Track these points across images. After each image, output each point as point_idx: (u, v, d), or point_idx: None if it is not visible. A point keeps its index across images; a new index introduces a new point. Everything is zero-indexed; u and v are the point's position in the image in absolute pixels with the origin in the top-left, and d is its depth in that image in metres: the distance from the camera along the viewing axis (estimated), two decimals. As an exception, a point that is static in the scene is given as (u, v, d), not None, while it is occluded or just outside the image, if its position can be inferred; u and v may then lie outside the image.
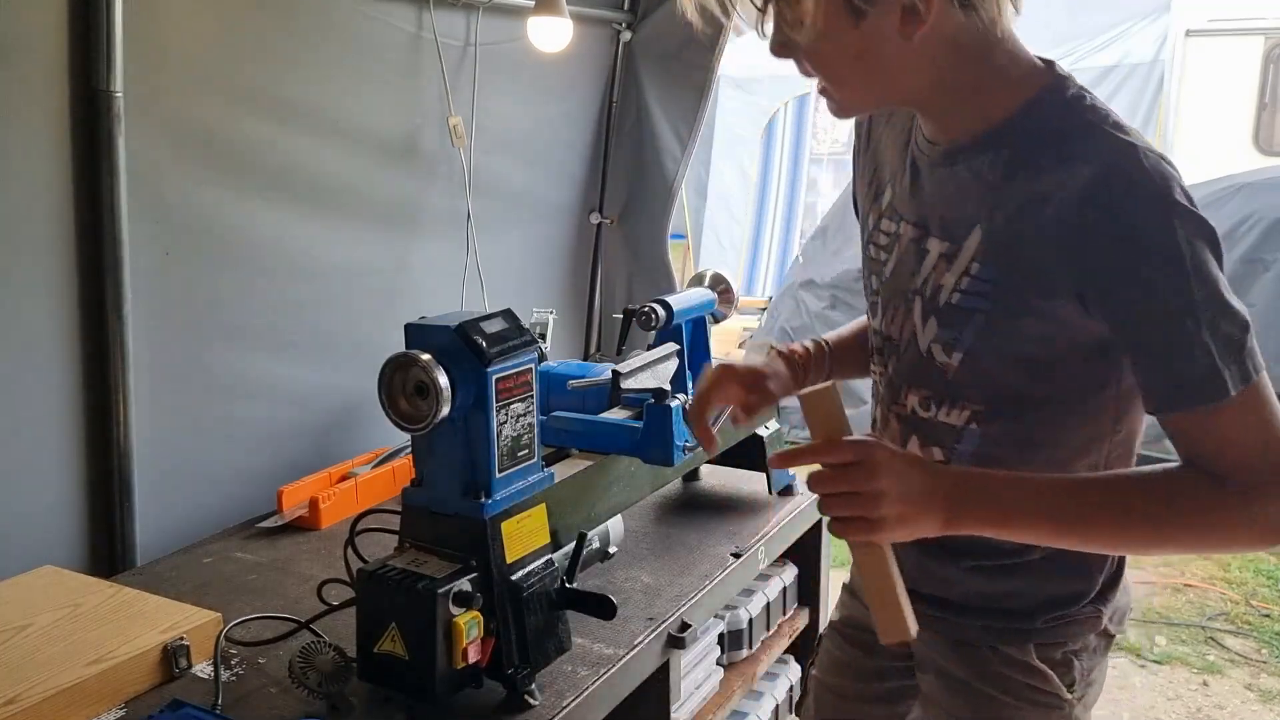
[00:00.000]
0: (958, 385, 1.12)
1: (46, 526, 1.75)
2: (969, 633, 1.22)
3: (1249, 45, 6.48)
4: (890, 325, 1.20)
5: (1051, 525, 1.05)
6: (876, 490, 0.99)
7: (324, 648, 1.34)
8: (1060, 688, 1.20)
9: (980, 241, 1.07)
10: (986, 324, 1.08)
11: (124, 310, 1.77)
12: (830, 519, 1.02)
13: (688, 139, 2.96)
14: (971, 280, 1.08)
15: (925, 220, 1.14)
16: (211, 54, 1.91)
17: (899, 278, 1.17)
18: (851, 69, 1.05)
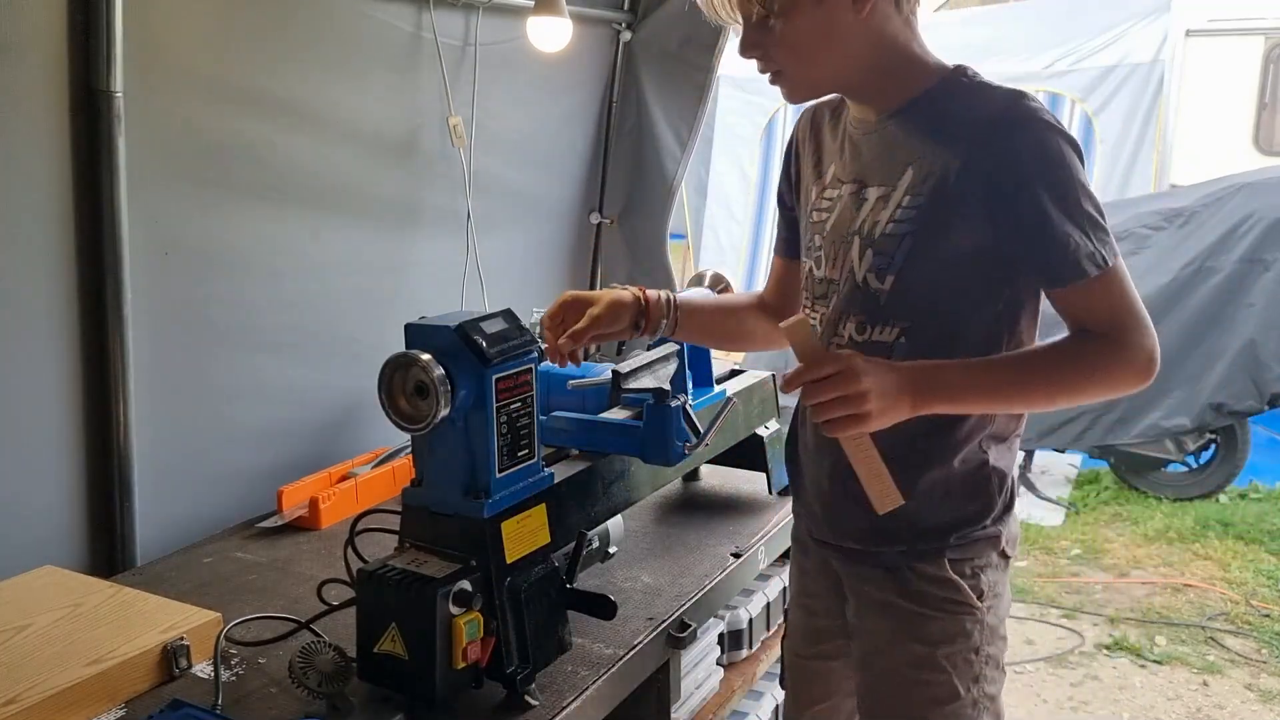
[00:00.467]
0: (889, 307, 1.35)
1: (46, 526, 1.75)
2: (891, 558, 1.42)
3: (1249, 45, 6.47)
4: (832, 269, 1.42)
5: (992, 395, 1.32)
6: (861, 391, 1.20)
7: (324, 648, 1.33)
8: (971, 596, 1.40)
9: (910, 178, 1.32)
10: (913, 245, 1.32)
11: (124, 310, 1.78)
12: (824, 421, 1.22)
13: (688, 139, 2.96)
14: (903, 210, 1.33)
15: (862, 176, 1.39)
16: (211, 54, 1.91)
17: (839, 226, 1.41)
18: (814, 46, 1.31)
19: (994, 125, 1.28)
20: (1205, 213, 4.58)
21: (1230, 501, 4.72)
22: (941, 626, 1.41)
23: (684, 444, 1.62)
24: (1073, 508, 4.73)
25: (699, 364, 1.86)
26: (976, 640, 1.42)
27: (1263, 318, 4.36)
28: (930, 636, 1.41)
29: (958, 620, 1.41)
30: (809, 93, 1.42)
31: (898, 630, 1.42)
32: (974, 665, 1.42)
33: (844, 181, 1.42)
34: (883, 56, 1.33)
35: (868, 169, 1.38)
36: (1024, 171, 1.25)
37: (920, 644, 1.41)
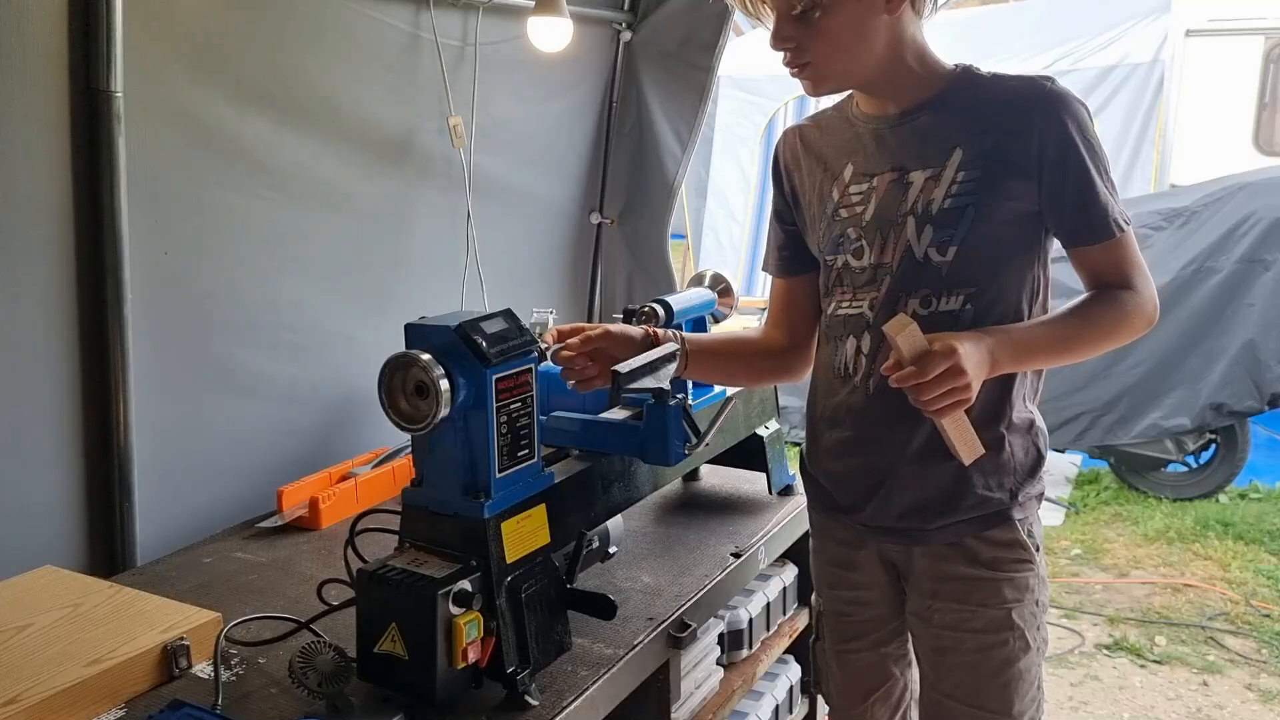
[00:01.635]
0: (952, 276, 1.44)
1: (46, 526, 1.75)
2: (963, 529, 1.49)
3: (1249, 45, 6.47)
4: (881, 254, 1.48)
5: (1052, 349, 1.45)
6: (968, 380, 1.30)
7: (324, 648, 1.33)
8: (1032, 552, 1.51)
9: (962, 156, 1.42)
10: (976, 215, 1.42)
11: (124, 310, 1.78)
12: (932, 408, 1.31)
13: (688, 139, 2.96)
14: (960, 185, 1.42)
15: (900, 163, 1.47)
16: (211, 54, 1.91)
17: (883, 213, 1.48)
18: (847, 39, 1.40)
19: (1031, 102, 1.41)
20: (1205, 213, 4.58)
21: (1230, 501, 4.72)
22: (1014, 586, 1.49)
23: (684, 444, 1.62)
24: (1073, 508, 4.73)
25: (699, 364, 1.86)
26: (1036, 591, 1.51)
27: (1263, 318, 4.36)
28: (1003, 599, 1.49)
29: (1023, 578, 1.49)
30: (835, 85, 1.49)
31: (976, 600, 1.49)
32: (1036, 615, 1.52)
33: (874, 173, 1.49)
34: (903, 54, 1.44)
35: (905, 156, 1.47)
36: (1067, 139, 1.39)
37: (996, 609, 1.49)
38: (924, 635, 1.56)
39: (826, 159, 1.56)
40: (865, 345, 1.50)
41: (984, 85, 1.46)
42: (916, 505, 1.49)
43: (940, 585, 1.52)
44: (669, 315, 1.76)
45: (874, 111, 1.50)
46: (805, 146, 1.61)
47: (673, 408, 1.59)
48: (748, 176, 8.43)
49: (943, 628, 1.53)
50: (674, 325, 1.78)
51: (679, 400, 1.62)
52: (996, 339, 1.38)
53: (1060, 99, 1.41)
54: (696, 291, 1.93)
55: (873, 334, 1.49)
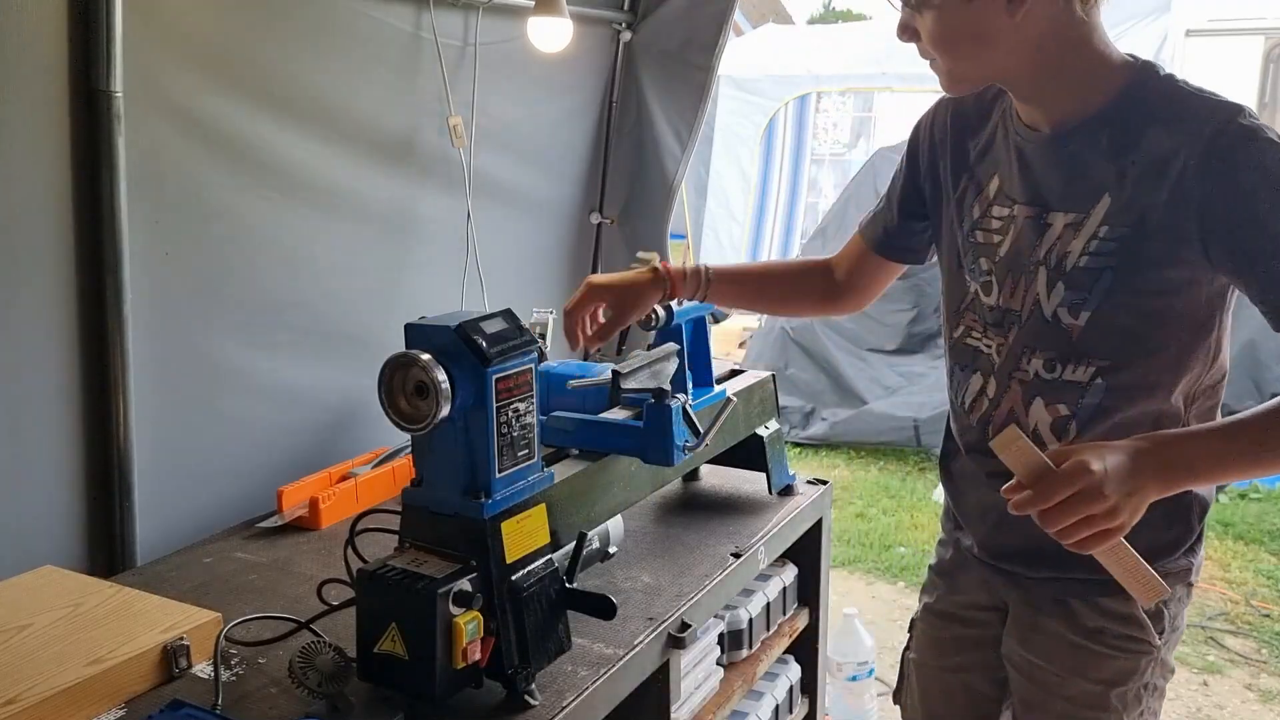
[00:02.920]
0: (1083, 344, 1.25)
1: (46, 526, 1.75)
2: (1072, 588, 1.32)
3: (1249, 45, 6.48)
4: (1010, 299, 1.31)
5: (1236, 464, 1.18)
6: (1110, 507, 1.06)
7: (324, 648, 1.33)
8: (1154, 635, 1.32)
9: (1109, 206, 1.20)
10: (1114, 281, 1.21)
11: (124, 310, 1.77)
12: (1074, 542, 1.09)
13: (688, 139, 2.96)
14: (1100, 242, 1.21)
15: (1042, 199, 1.27)
16: (212, 53, 1.91)
17: (1017, 254, 1.29)
18: (965, 44, 1.21)
19: (1208, 147, 1.14)
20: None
21: (1230, 501, 4.72)
22: (1118, 666, 1.34)
23: (684, 444, 1.62)
24: (1073, 508, 4.73)
25: (699, 364, 1.86)
26: (1149, 676, 1.35)
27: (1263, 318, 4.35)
28: (1103, 676, 1.34)
29: (1135, 659, 1.33)
30: (965, 87, 1.31)
31: (1068, 667, 1.35)
32: (1142, 700, 1.36)
33: (1016, 201, 1.30)
34: (1053, 57, 1.20)
35: (1047, 190, 1.26)
36: (1244, 202, 1.13)
37: (1092, 683, 1.34)
38: (1015, 682, 1.44)
39: (973, 161, 1.37)
40: (990, 389, 1.36)
41: (1158, 106, 1.19)
42: (1023, 549, 1.34)
43: (1035, 638, 1.39)
44: (669, 315, 1.76)
45: (1027, 120, 1.28)
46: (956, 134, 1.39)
47: (673, 408, 1.60)
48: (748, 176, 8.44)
49: (1030, 682, 1.40)
50: (674, 325, 1.78)
51: (679, 400, 1.63)
52: (1154, 456, 1.10)
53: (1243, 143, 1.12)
54: (696, 291, 1.92)
55: (998, 379, 1.34)
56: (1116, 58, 1.22)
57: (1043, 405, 1.30)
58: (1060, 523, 1.07)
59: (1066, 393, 1.27)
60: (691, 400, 1.71)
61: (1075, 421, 1.29)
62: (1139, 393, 1.24)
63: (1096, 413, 1.27)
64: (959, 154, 1.39)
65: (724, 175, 8.42)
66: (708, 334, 1.91)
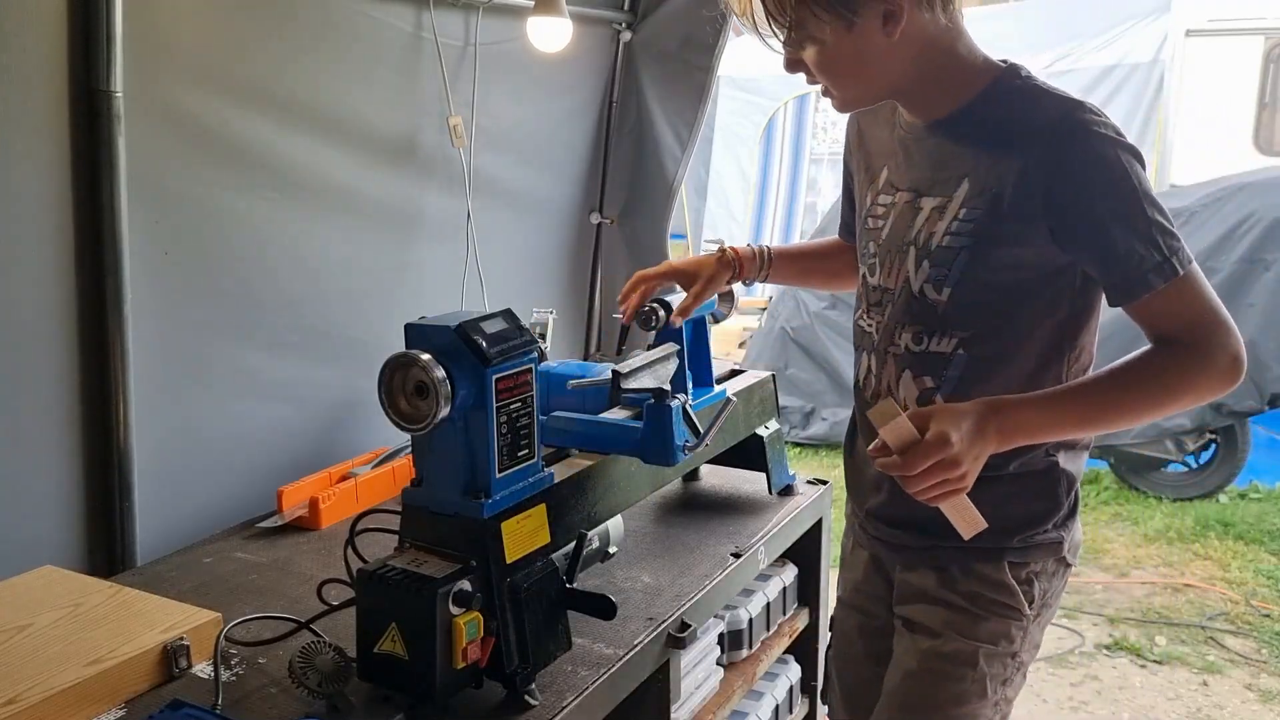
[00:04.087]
0: (946, 318, 1.35)
1: (46, 526, 1.75)
2: (949, 555, 1.41)
3: (1249, 45, 6.47)
4: (886, 278, 1.42)
5: (1075, 424, 1.32)
6: (963, 471, 1.20)
7: (324, 648, 1.33)
8: (1023, 603, 1.41)
9: (967, 190, 1.31)
10: (971, 258, 1.31)
11: (124, 310, 1.77)
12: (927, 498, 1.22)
13: (688, 139, 2.96)
14: (959, 223, 1.32)
15: (917, 185, 1.38)
16: (212, 54, 1.91)
17: (894, 236, 1.40)
18: (850, 69, 1.30)
19: (1049, 137, 1.25)
20: (1205, 213, 4.58)
21: (1230, 501, 4.72)
22: (988, 628, 1.41)
23: (684, 444, 1.62)
24: (1073, 508, 4.73)
25: (699, 364, 1.86)
26: (1017, 646, 1.43)
27: (1263, 318, 4.36)
28: (974, 634, 1.42)
29: (1004, 624, 1.41)
30: (855, 106, 1.41)
31: (941, 623, 1.43)
32: (1007, 669, 1.43)
33: (898, 189, 1.41)
34: (928, 65, 1.31)
35: (922, 178, 1.37)
36: (1081, 187, 1.24)
37: (962, 639, 1.42)
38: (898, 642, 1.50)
39: (871, 157, 1.49)
40: (874, 365, 1.45)
41: (1012, 102, 1.31)
42: (907, 519, 1.44)
43: (914, 599, 1.47)
44: (669, 315, 1.76)
45: (909, 117, 1.40)
46: (860, 135, 1.53)
47: (673, 408, 1.60)
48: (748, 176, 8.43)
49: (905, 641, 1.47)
50: (673, 325, 1.78)
51: (679, 400, 1.63)
52: (996, 418, 1.24)
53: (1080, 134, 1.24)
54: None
55: (877, 355, 1.44)
56: (981, 59, 1.33)
57: (911, 378, 1.40)
58: (920, 485, 1.20)
59: (931, 365, 1.37)
60: (691, 400, 1.71)
61: (939, 394, 1.38)
62: (994, 364, 1.34)
63: (958, 385, 1.36)
64: (862, 151, 1.51)
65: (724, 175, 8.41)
66: (708, 334, 1.91)
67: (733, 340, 6.89)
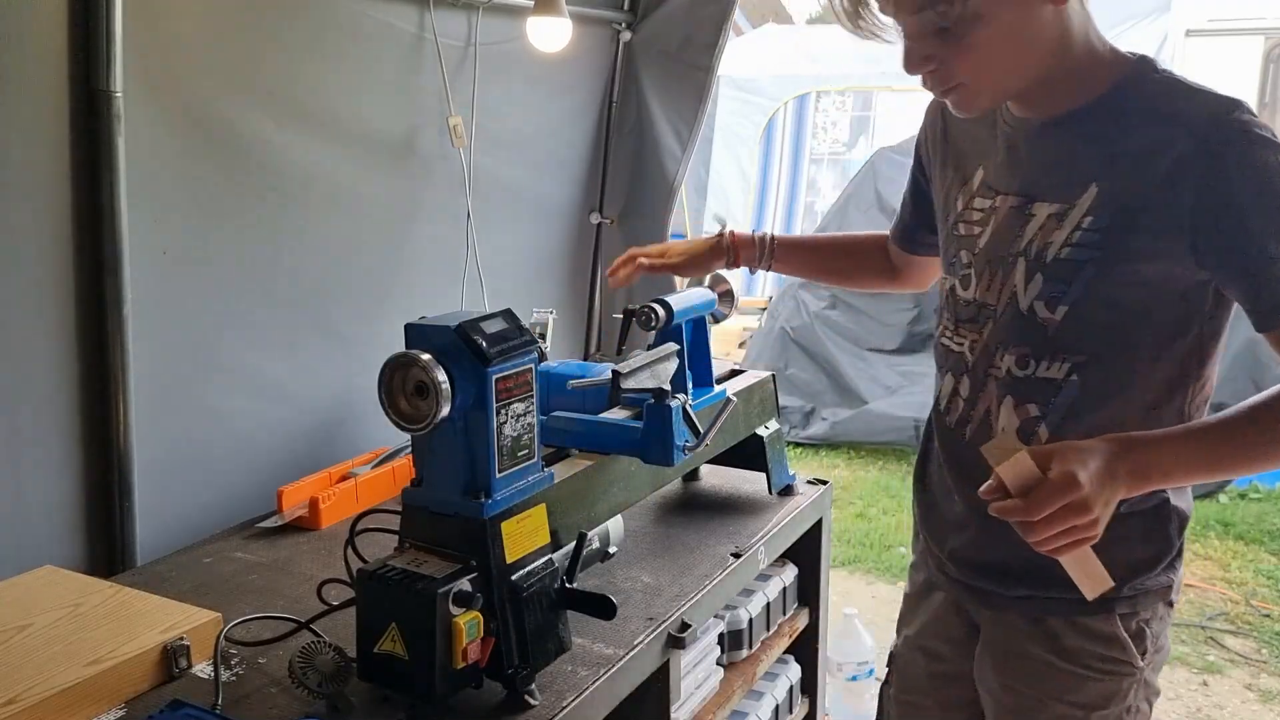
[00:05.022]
0: (1058, 339, 1.21)
1: (46, 526, 1.75)
2: (1050, 606, 1.27)
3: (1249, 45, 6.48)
4: (985, 292, 1.27)
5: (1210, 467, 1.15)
6: (1093, 517, 1.04)
7: (324, 648, 1.33)
8: (1135, 656, 1.27)
9: (1095, 196, 1.16)
10: (1096, 273, 1.16)
11: (124, 310, 1.77)
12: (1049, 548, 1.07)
13: (688, 139, 2.96)
14: (1083, 233, 1.17)
15: (1028, 189, 1.23)
16: (212, 54, 1.91)
17: (996, 245, 1.25)
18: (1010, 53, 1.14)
19: (1201, 140, 1.11)
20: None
21: (1230, 501, 4.72)
22: (1098, 689, 1.28)
23: (684, 444, 1.62)
24: (1073, 508, 4.73)
25: (699, 364, 1.86)
26: (1131, 700, 1.30)
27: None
28: (1083, 700, 1.29)
29: (1116, 681, 1.28)
30: (990, 105, 1.24)
31: (1045, 692, 1.30)
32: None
33: (1000, 191, 1.26)
34: (1065, 53, 1.16)
35: (1036, 180, 1.22)
36: (1235, 198, 1.09)
37: (1071, 707, 1.29)
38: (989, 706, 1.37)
39: (962, 154, 1.34)
40: (964, 389, 1.31)
41: (1154, 99, 1.15)
42: (998, 564, 1.29)
43: (1010, 661, 1.32)
44: (669, 315, 1.76)
45: (1018, 112, 1.24)
46: (946, 129, 1.37)
47: (673, 408, 1.60)
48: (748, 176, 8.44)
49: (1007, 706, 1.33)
50: (673, 325, 1.78)
51: (679, 400, 1.63)
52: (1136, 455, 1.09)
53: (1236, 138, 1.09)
54: (696, 291, 1.92)
55: (971, 378, 1.30)
56: (1110, 50, 1.19)
57: (1012, 405, 1.26)
58: (1044, 533, 1.04)
59: (1038, 392, 1.23)
60: (691, 400, 1.71)
61: (1044, 424, 1.25)
62: (1111, 393, 1.21)
63: (1067, 415, 1.23)
64: (949, 150, 1.37)
65: (724, 175, 8.42)
66: (708, 334, 1.91)
67: (733, 340, 6.89)
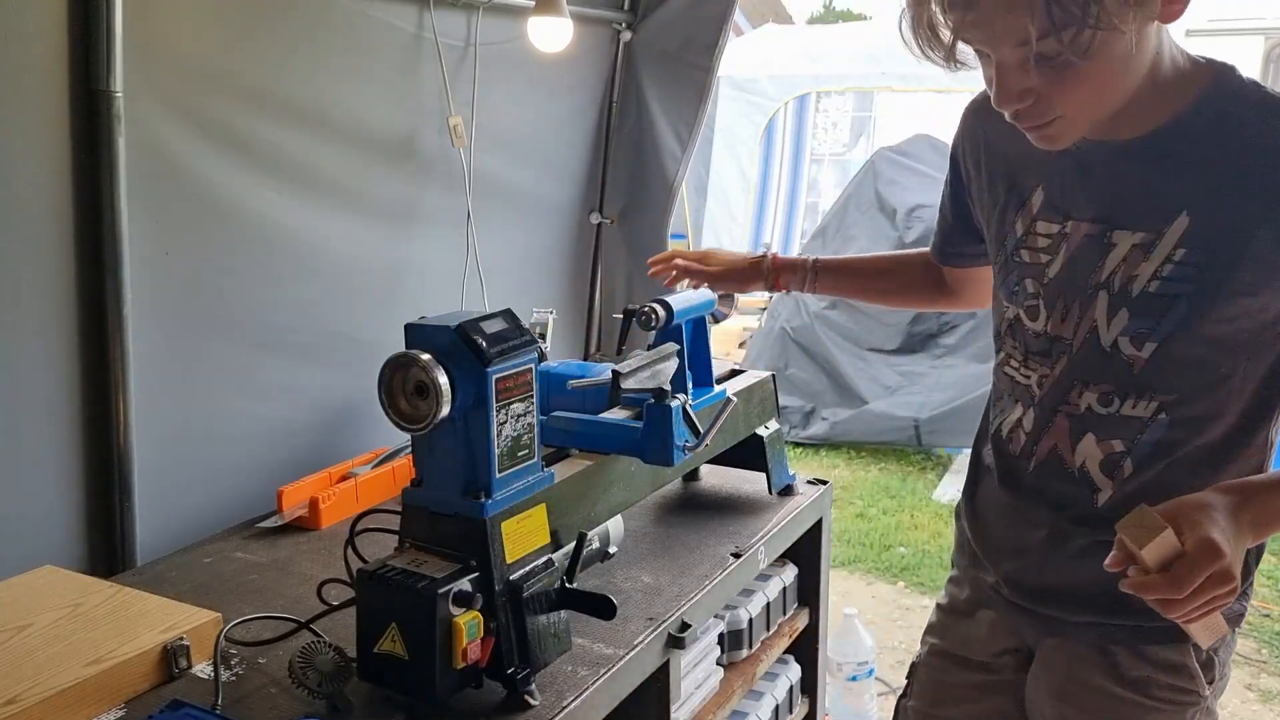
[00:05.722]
0: (1145, 378, 1.13)
1: (46, 526, 1.75)
2: (1117, 634, 1.21)
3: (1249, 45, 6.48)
4: (1060, 325, 1.19)
5: None
6: (1235, 585, 0.97)
7: (324, 648, 1.33)
8: (1204, 684, 1.21)
9: (1188, 226, 1.07)
10: (1190, 308, 1.09)
11: (124, 310, 1.78)
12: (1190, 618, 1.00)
13: (688, 139, 2.96)
14: (1175, 266, 1.08)
15: (1107, 215, 1.13)
16: (212, 54, 1.91)
17: (1072, 276, 1.16)
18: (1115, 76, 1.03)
19: None
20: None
21: (1230, 501, 4.72)
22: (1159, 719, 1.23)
23: (684, 444, 1.62)
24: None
25: (699, 364, 1.86)
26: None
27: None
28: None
29: (1180, 711, 1.22)
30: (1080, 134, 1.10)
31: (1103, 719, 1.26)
32: None
33: (1071, 216, 1.16)
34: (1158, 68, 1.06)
35: (1115, 206, 1.13)
36: None
37: None
38: None
39: (1014, 168, 1.23)
40: (1028, 422, 1.25)
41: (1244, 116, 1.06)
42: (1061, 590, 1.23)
43: (1071, 689, 1.26)
44: (669, 315, 1.76)
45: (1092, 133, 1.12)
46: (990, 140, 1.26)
47: (673, 408, 1.60)
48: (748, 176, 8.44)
49: None
50: (673, 325, 1.78)
51: (679, 400, 1.63)
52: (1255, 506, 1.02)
53: None
54: (697, 291, 1.92)
55: (1038, 411, 1.23)
56: (1188, 59, 1.09)
57: (1094, 441, 1.19)
58: (1189, 607, 0.97)
59: (1123, 428, 1.16)
60: (691, 400, 1.71)
61: (1130, 458, 1.18)
62: (1201, 426, 1.14)
63: (1155, 449, 1.17)
64: (996, 163, 1.26)
65: (724, 175, 8.42)
66: (708, 334, 1.91)
67: (733, 340, 6.90)
